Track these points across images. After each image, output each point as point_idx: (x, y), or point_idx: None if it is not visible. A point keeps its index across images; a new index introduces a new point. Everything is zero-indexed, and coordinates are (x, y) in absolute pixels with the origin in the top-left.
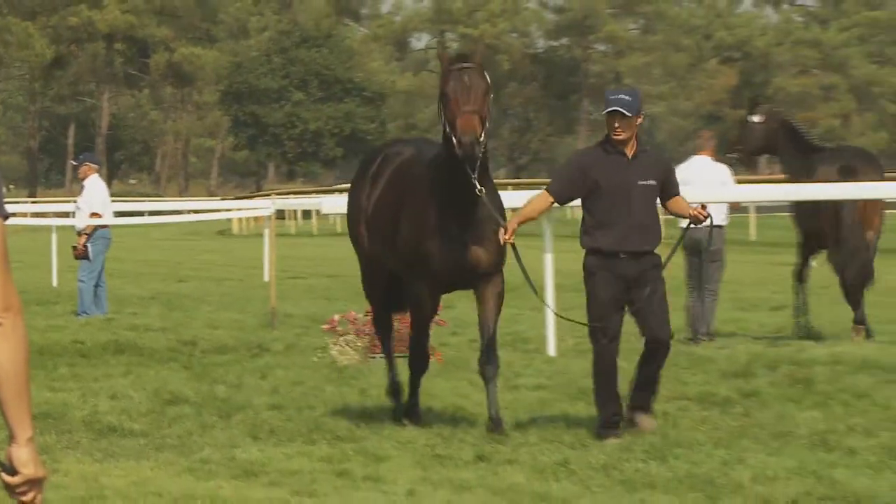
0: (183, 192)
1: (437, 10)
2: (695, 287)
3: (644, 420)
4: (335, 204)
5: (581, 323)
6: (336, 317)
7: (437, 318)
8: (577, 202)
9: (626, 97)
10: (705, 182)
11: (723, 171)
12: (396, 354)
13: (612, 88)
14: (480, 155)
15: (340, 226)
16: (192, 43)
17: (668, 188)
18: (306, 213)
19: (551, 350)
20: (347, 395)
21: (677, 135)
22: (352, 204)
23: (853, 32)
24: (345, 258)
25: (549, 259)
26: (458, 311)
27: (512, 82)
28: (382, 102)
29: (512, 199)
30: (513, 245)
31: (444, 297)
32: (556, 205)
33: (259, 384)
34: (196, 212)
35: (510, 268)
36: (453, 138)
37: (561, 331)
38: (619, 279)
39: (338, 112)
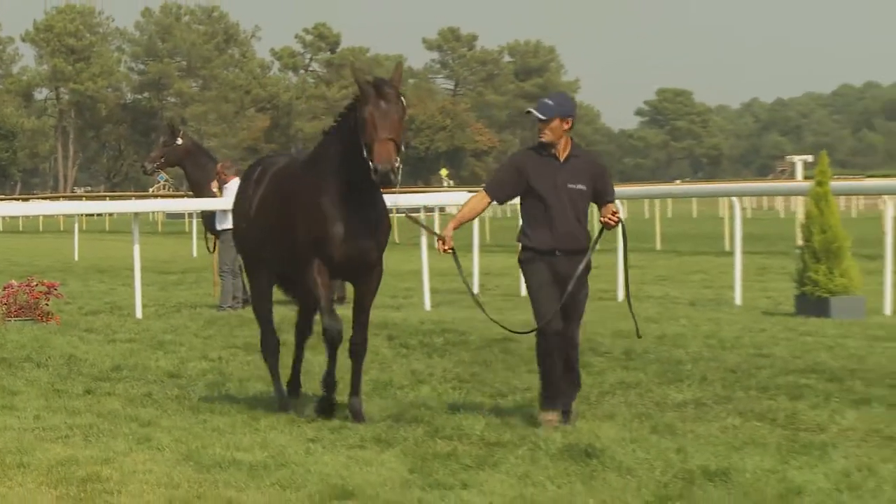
0: None
1: (53, 71)
2: (227, 272)
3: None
4: None
5: (513, 331)
6: None
7: (55, 291)
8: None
9: (548, 101)
10: None
11: None
12: (23, 318)
13: (551, 93)
14: (397, 181)
15: None
16: None
17: (601, 194)
18: None
19: (138, 314)
20: None
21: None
22: (238, 207)
23: (349, 90)
24: None
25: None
26: (70, 287)
27: (108, 124)
28: (14, 138)
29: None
30: (452, 250)
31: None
32: (493, 203)
33: None
34: None
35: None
36: (370, 163)
37: (146, 299)
38: (554, 273)
39: None
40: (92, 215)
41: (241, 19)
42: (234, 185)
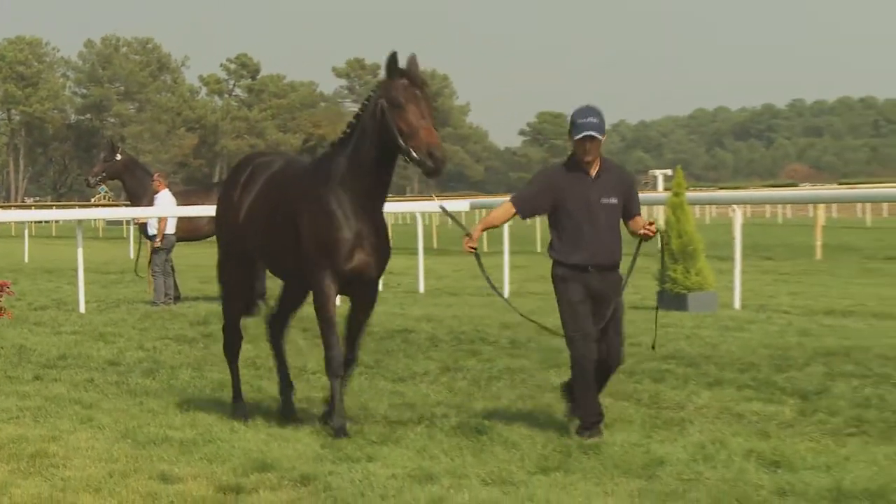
0: None
1: (5, 95)
2: (159, 272)
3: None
4: None
5: (550, 330)
6: None
7: (7, 289)
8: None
9: (594, 119)
10: (172, 206)
11: (171, 197)
12: None
13: (579, 109)
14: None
15: None
16: None
17: (630, 207)
18: None
19: (82, 309)
20: None
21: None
22: (222, 208)
23: (268, 112)
24: None
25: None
26: (21, 285)
27: (55, 142)
28: None
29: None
30: (475, 250)
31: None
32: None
33: None
34: None
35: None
36: (411, 150)
37: (88, 296)
38: (588, 289)
39: None
40: (40, 222)
41: (173, 50)
42: (163, 195)
